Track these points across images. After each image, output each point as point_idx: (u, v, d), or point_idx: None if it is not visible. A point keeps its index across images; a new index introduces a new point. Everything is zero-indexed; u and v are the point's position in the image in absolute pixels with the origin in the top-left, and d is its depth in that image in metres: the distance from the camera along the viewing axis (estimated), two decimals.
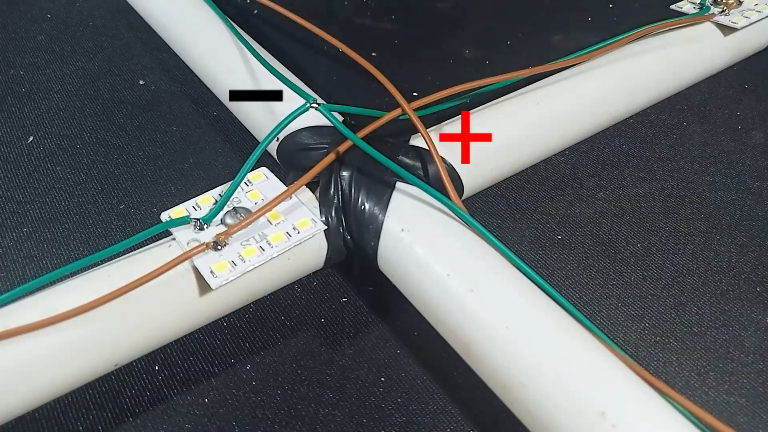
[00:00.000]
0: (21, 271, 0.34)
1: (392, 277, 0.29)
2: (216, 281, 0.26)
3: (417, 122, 0.31)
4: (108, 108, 0.44)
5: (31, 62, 0.47)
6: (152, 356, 0.31)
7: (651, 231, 0.37)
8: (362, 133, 0.31)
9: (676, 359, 0.31)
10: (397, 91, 0.32)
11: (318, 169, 0.29)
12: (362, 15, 0.53)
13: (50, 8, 0.52)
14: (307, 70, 0.47)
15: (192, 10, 0.42)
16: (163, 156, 0.41)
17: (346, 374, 0.31)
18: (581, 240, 0.36)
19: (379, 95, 0.45)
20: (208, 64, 0.40)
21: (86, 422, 0.29)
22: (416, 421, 0.29)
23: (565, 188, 0.40)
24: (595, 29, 0.52)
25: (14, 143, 0.41)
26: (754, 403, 0.30)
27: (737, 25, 0.41)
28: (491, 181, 0.34)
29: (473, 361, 0.26)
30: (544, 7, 0.55)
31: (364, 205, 0.29)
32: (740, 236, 0.37)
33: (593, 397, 0.23)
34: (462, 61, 0.49)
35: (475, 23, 0.53)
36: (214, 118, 0.43)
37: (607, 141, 0.42)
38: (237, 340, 0.32)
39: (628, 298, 0.34)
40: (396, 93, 0.32)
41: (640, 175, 0.40)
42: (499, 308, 0.25)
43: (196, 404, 0.29)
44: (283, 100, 0.34)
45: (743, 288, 0.34)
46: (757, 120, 0.44)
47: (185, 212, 0.28)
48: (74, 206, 0.37)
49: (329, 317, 0.33)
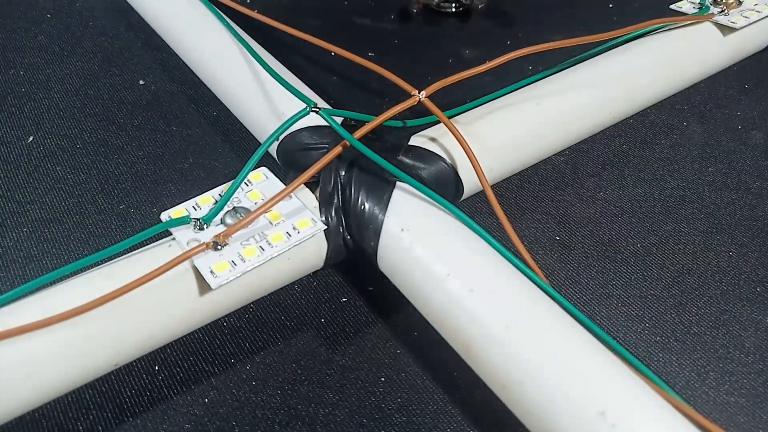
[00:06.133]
0: (21, 271, 0.34)
1: (392, 277, 0.29)
2: (216, 281, 0.26)
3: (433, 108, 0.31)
4: (108, 108, 0.44)
5: (31, 62, 0.47)
6: (152, 356, 0.31)
7: (651, 231, 0.37)
8: (359, 133, 0.31)
9: (676, 359, 0.31)
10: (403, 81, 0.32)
11: (317, 168, 0.29)
12: (362, 15, 0.53)
13: (50, 8, 0.52)
14: (308, 71, 0.47)
15: (192, 10, 0.42)
16: (163, 156, 0.41)
17: (346, 374, 0.31)
18: (581, 240, 0.36)
19: (379, 96, 0.45)
20: (208, 64, 0.40)
21: (86, 422, 0.29)
22: (416, 421, 0.29)
23: (565, 188, 0.40)
24: (596, 29, 0.52)
25: (14, 143, 0.41)
26: (754, 403, 0.30)
27: (737, 25, 0.41)
28: (491, 181, 0.34)
29: (473, 361, 0.26)
30: (544, 7, 0.55)
31: (363, 204, 0.29)
32: (740, 236, 0.37)
33: (593, 397, 0.23)
34: (462, 61, 0.49)
35: (475, 23, 0.53)
36: (214, 118, 0.43)
37: (607, 141, 0.42)
38: (237, 340, 0.32)
39: (628, 298, 0.34)
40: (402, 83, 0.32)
41: (640, 175, 0.40)
42: (499, 308, 0.25)
43: (196, 404, 0.29)
44: (285, 101, 0.34)
45: (743, 288, 0.34)
46: (757, 120, 0.44)
47: (185, 212, 0.28)
48: (74, 206, 0.37)
49: (329, 317, 0.33)
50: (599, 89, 0.36)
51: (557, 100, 0.36)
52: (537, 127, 0.35)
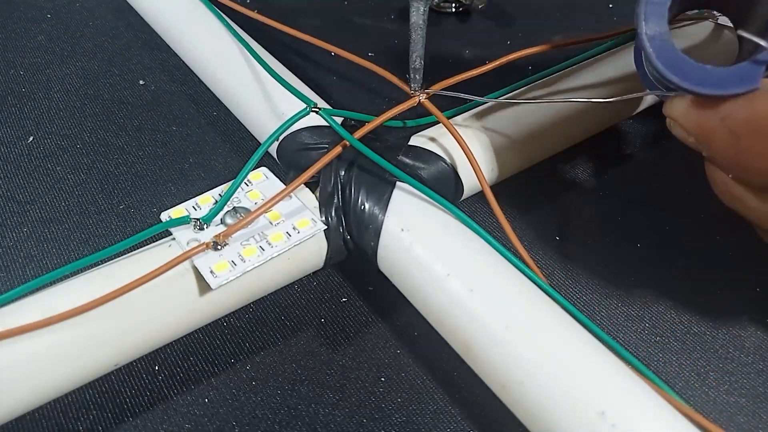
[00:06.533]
0: (21, 271, 0.34)
1: (392, 277, 0.29)
2: (216, 281, 0.26)
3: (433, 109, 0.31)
4: (108, 108, 0.44)
5: (31, 62, 0.47)
6: (152, 356, 0.31)
7: (651, 231, 0.37)
8: (359, 133, 0.31)
9: (676, 359, 0.31)
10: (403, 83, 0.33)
11: (317, 168, 0.29)
12: (362, 15, 0.53)
13: (50, 8, 0.52)
14: (308, 71, 0.47)
15: (192, 10, 0.42)
16: (163, 156, 0.41)
17: (346, 374, 0.31)
18: (581, 240, 0.36)
19: (379, 96, 0.45)
20: (208, 64, 0.40)
21: (86, 422, 0.29)
22: (416, 421, 0.29)
23: (565, 188, 0.40)
24: (596, 29, 0.52)
25: (14, 143, 0.41)
26: (754, 403, 0.30)
27: None
28: (491, 181, 0.34)
29: (473, 361, 0.26)
30: (544, 7, 0.55)
31: (363, 204, 0.29)
32: (741, 236, 0.36)
33: (593, 397, 0.23)
34: (462, 60, 0.49)
35: (475, 23, 0.53)
36: (214, 118, 0.43)
37: (607, 141, 0.42)
38: (237, 340, 0.32)
39: (628, 298, 0.34)
40: (402, 84, 0.32)
41: (641, 175, 0.40)
42: (499, 308, 0.25)
43: (196, 404, 0.29)
44: (285, 101, 0.34)
45: (743, 288, 0.34)
46: None
47: (185, 212, 0.28)
48: (74, 206, 0.37)
49: (329, 317, 0.33)
50: (600, 89, 0.36)
51: (558, 99, 0.36)
52: (537, 127, 0.35)
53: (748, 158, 0.24)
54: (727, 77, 0.24)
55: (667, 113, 0.27)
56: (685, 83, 0.24)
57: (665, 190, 0.39)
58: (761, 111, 0.23)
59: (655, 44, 0.25)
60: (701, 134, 0.25)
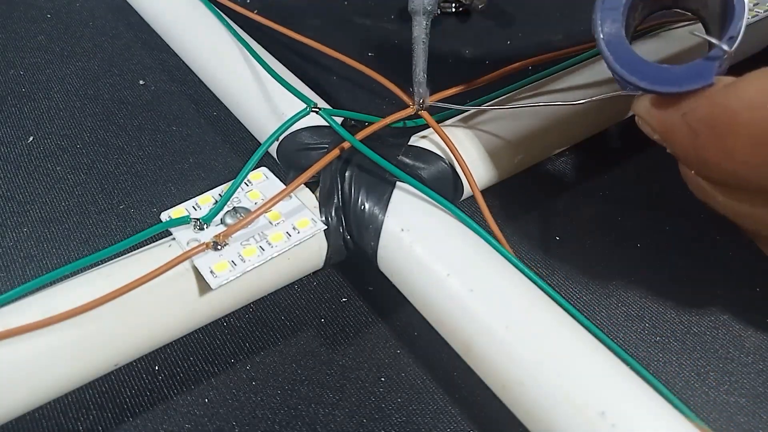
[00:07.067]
0: (21, 271, 0.34)
1: (392, 277, 0.29)
2: (216, 281, 0.26)
3: (429, 119, 0.32)
4: (108, 108, 0.44)
5: (31, 62, 0.47)
6: (152, 356, 0.31)
7: (651, 230, 0.37)
8: (360, 135, 0.31)
9: (676, 359, 0.31)
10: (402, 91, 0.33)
11: (317, 168, 0.29)
12: (362, 15, 0.53)
13: (50, 8, 0.52)
14: (308, 71, 0.47)
15: (192, 10, 0.42)
16: (163, 156, 0.41)
17: (346, 374, 0.31)
18: (581, 240, 0.36)
19: (380, 96, 0.45)
20: (208, 64, 0.40)
21: (86, 422, 0.29)
22: (416, 421, 0.29)
23: (565, 188, 0.40)
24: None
25: (14, 143, 0.41)
26: (754, 403, 0.30)
27: None
28: (491, 182, 0.34)
29: (473, 361, 0.26)
30: (544, 7, 0.55)
31: (364, 204, 0.29)
32: (741, 235, 0.36)
33: (593, 397, 0.23)
34: (462, 61, 0.49)
35: (475, 23, 0.53)
36: (214, 118, 0.43)
37: (607, 141, 0.42)
38: (237, 340, 0.32)
39: (628, 298, 0.34)
40: (401, 93, 0.33)
41: (641, 175, 0.40)
42: (499, 308, 0.25)
43: (196, 404, 0.29)
44: (285, 101, 0.34)
45: (743, 288, 0.34)
46: None
47: (185, 212, 0.28)
48: (74, 206, 0.37)
49: (329, 317, 0.33)
50: (600, 89, 0.36)
51: (558, 100, 0.36)
52: (537, 127, 0.35)
53: (705, 154, 0.24)
54: (684, 75, 0.25)
55: (634, 111, 0.27)
56: (643, 83, 0.25)
57: (665, 190, 0.39)
58: (717, 107, 0.23)
59: (612, 47, 0.26)
60: (664, 131, 0.26)
